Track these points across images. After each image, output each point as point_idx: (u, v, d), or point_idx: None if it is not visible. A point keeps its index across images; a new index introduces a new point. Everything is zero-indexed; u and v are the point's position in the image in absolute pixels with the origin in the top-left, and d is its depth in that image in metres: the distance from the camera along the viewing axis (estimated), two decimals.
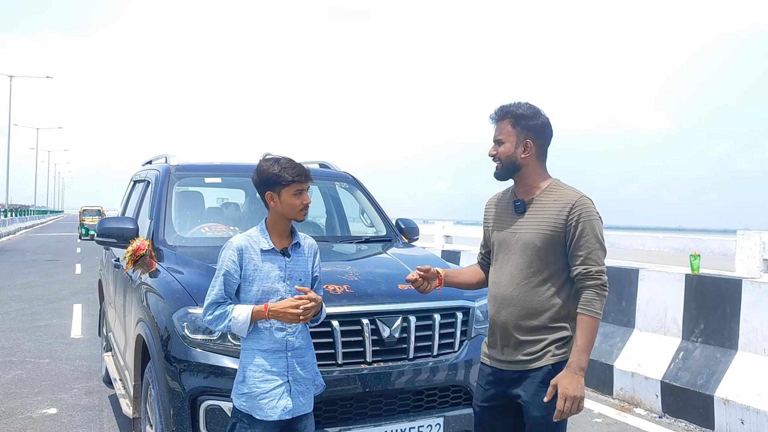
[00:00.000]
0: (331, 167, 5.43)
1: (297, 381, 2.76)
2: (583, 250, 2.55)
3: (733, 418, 4.79)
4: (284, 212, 2.78)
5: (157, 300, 3.52)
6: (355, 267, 3.77)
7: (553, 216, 2.59)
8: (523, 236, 2.64)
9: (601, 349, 6.07)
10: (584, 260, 2.56)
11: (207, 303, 2.75)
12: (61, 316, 9.92)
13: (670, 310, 5.60)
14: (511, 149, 2.64)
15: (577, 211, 2.56)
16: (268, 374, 2.71)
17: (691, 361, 5.28)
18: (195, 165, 4.87)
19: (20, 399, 5.65)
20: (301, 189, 2.77)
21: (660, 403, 5.39)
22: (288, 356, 2.75)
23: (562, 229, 2.57)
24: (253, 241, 2.79)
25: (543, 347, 2.60)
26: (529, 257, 2.61)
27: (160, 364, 3.24)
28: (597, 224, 2.58)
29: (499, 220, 2.77)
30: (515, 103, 2.69)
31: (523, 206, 2.68)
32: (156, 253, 3.97)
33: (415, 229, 5.09)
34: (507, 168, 2.66)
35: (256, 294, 2.74)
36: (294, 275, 2.80)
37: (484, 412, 2.78)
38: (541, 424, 2.59)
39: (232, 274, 2.74)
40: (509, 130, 2.64)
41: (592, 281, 2.55)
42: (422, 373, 3.36)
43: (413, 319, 3.37)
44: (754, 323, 4.93)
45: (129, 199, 5.72)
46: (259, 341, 2.73)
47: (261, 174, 2.79)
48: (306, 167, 2.83)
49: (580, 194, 2.62)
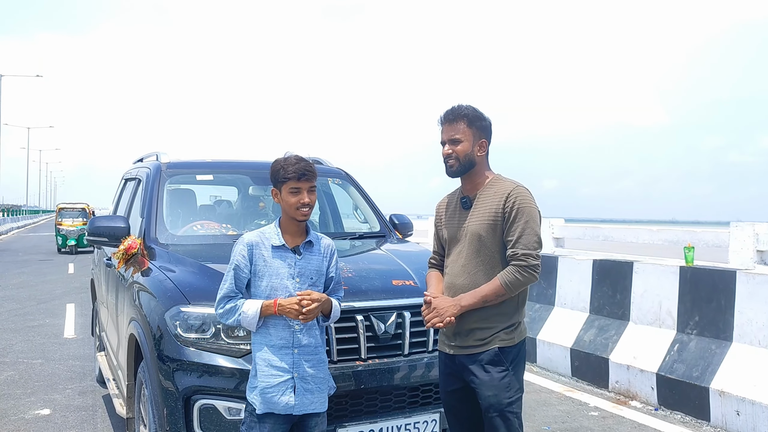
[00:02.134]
0: (325, 163, 5.40)
1: (304, 378, 2.76)
2: (514, 234, 2.74)
3: (729, 409, 4.80)
4: (285, 210, 2.81)
5: (149, 299, 3.49)
6: (348, 263, 3.74)
7: (494, 206, 2.80)
8: (469, 228, 2.84)
9: (596, 342, 6.07)
10: (514, 243, 2.74)
11: (219, 297, 2.79)
12: (54, 316, 9.86)
13: (664, 302, 5.60)
14: (469, 148, 2.83)
15: (512, 199, 2.76)
16: (273, 369, 2.74)
17: (686, 353, 5.28)
18: (186, 162, 4.83)
19: (13, 400, 5.61)
20: (298, 187, 2.76)
21: (656, 396, 5.40)
22: (294, 352, 2.76)
23: (501, 217, 2.78)
24: (265, 237, 2.83)
25: (492, 333, 2.78)
26: (476, 247, 2.81)
27: (153, 364, 3.20)
28: (531, 211, 2.76)
29: (449, 218, 2.98)
30: (463, 105, 2.88)
31: (468, 202, 2.89)
32: (148, 252, 3.93)
33: (409, 224, 5.07)
34: (464, 165, 2.85)
35: (266, 289, 2.78)
36: (305, 273, 2.82)
37: (448, 398, 2.97)
38: (493, 403, 2.73)
39: (242, 268, 2.78)
40: (466, 130, 2.83)
41: (518, 261, 2.72)
42: (417, 369, 3.34)
43: (408, 314, 3.34)
44: (749, 315, 4.93)
45: (120, 198, 5.67)
46: (267, 336, 2.77)
47: (271, 169, 2.85)
48: (310, 167, 2.81)
49: (517, 184, 2.84)
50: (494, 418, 2.73)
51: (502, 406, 2.72)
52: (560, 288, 6.82)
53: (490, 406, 2.74)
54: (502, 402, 2.72)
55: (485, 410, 2.75)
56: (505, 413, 2.72)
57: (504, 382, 2.74)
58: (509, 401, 2.74)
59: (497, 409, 2.73)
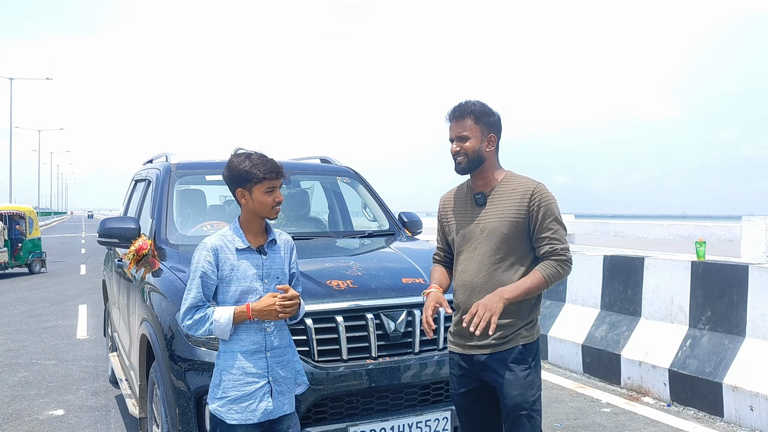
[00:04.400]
0: (333, 162, 5.40)
1: (277, 381, 2.69)
2: (548, 231, 2.72)
3: (743, 405, 4.77)
4: (256, 210, 2.69)
5: (160, 299, 3.51)
6: (358, 262, 3.75)
7: (516, 204, 2.75)
8: (487, 225, 2.78)
9: (607, 339, 6.05)
10: (550, 240, 2.72)
11: (185, 307, 2.64)
12: (67, 317, 9.94)
13: (676, 297, 5.57)
14: (477, 144, 2.78)
15: (537, 197, 2.73)
16: (248, 376, 2.64)
17: (698, 348, 5.25)
18: (196, 163, 4.85)
19: (27, 401, 5.66)
20: (273, 186, 2.67)
21: (668, 392, 5.37)
22: (267, 356, 2.68)
23: (525, 215, 2.73)
24: (227, 240, 2.70)
25: (514, 331, 2.74)
26: (495, 244, 2.75)
27: (165, 364, 3.22)
28: (555, 207, 2.78)
29: (460, 214, 2.91)
30: (470, 101, 2.84)
31: (483, 198, 2.83)
32: (158, 253, 3.95)
33: (418, 222, 5.06)
34: (472, 162, 2.80)
35: (235, 294, 2.68)
36: (271, 273, 2.73)
37: (461, 399, 2.90)
38: (519, 402, 2.69)
39: (209, 275, 2.66)
40: (474, 126, 2.79)
41: (557, 256, 2.71)
42: (428, 366, 3.34)
43: (418, 312, 3.34)
44: (762, 309, 4.89)
45: (131, 199, 5.70)
46: (239, 342, 2.66)
47: (231, 170, 2.70)
48: (279, 163, 2.72)
49: (536, 181, 2.81)
50: (520, 417, 2.69)
51: (529, 405, 2.69)
52: (571, 284, 6.79)
53: (516, 406, 2.69)
54: (528, 400, 2.69)
55: (511, 410, 2.70)
56: (531, 412, 2.70)
57: (528, 380, 2.71)
58: (534, 399, 2.71)
59: (524, 408, 2.68)
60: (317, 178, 5.24)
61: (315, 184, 5.26)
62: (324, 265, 3.66)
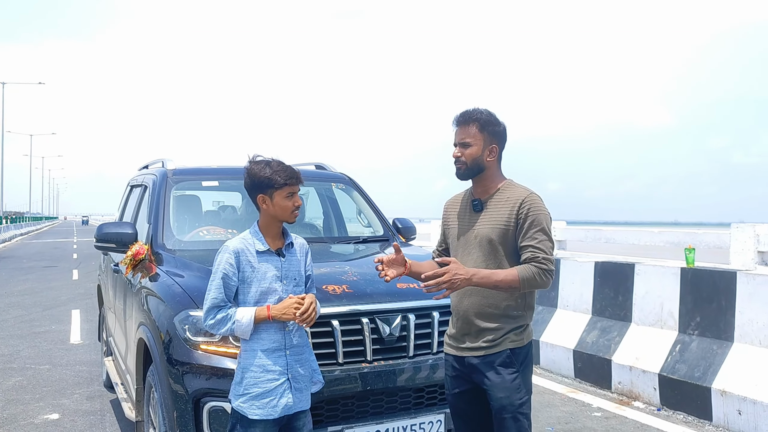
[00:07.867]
0: (328, 168, 5.46)
1: (296, 378, 2.79)
2: (532, 240, 2.73)
3: (731, 409, 4.84)
4: (276, 214, 2.81)
5: (158, 303, 3.55)
6: (353, 267, 3.80)
7: (506, 212, 2.80)
8: (480, 231, 2.84)
9: (598, 344, 6.12)
10: (533, 249, 2.72)
11: (207, 307, 2.75)
12: (60, 322, 9.92)
13: (666, 303, 5.65)
14: (478, 152, 2.83)
15: (526, 206, 2.76)
16: (269, 373, 2.75)
17: (688, 353, 5.32)
18: (192, 169, 4.89)
19: (22, 405, 5.67)
20: (293, 191, 2.81)
21: (658, 396, 5.44)
22: (287, 354, 2.78)
23: (513, 223, 2.77)
24: (248, 243, 2.81)
25: (502, 334, 2.79)
26: (486, 250, 2.81)
27: (163, 367, 3.26)
28: (544, 217, 2.77)
29: (459, 218, 2.98)
30: (478, 109, 2.88)
31: (480, 205, 2.89)
32: (155, 257, 4.00)
33: (412, 228, 5.12)
34: (471, 169, 2.85)
35: (255, 295, 2.78)
36: (289, 275, 2.84)
37: (455, 400, 2.98)
38: (505, 405, 2.75)
39: (231, 277, 2.76)
40: (477, 134, 2.83)
41: (538, 263, 2.70)
42: (422, 370, 3.39)
43: (412, 317, 3.40)
44: (750, 315, 4.98)
45: (126, 204, 5.73)
46: (259, 341, 2.77)
47: (253, 177, 2.81)
48: (297, 169, 2.85)
49: (530, 191, 2.84)
50: (506, 420, 2.76)
51: (514, 408, 2.75)
52: (562, 290, 6.87)
53: (502, 408, 2.76)
54: (514, 403, 2.75)
55: (497, 411, 2.77)
56: (516, 414, 2.76)
57: (515, 383, 2.77)
58: (520, 402, 2.76)
59: (509, 410, 2.75)
60: (312, 184, 5.29)
61: (310, 190, 5.31)
62: (320, 270, 3.71)
